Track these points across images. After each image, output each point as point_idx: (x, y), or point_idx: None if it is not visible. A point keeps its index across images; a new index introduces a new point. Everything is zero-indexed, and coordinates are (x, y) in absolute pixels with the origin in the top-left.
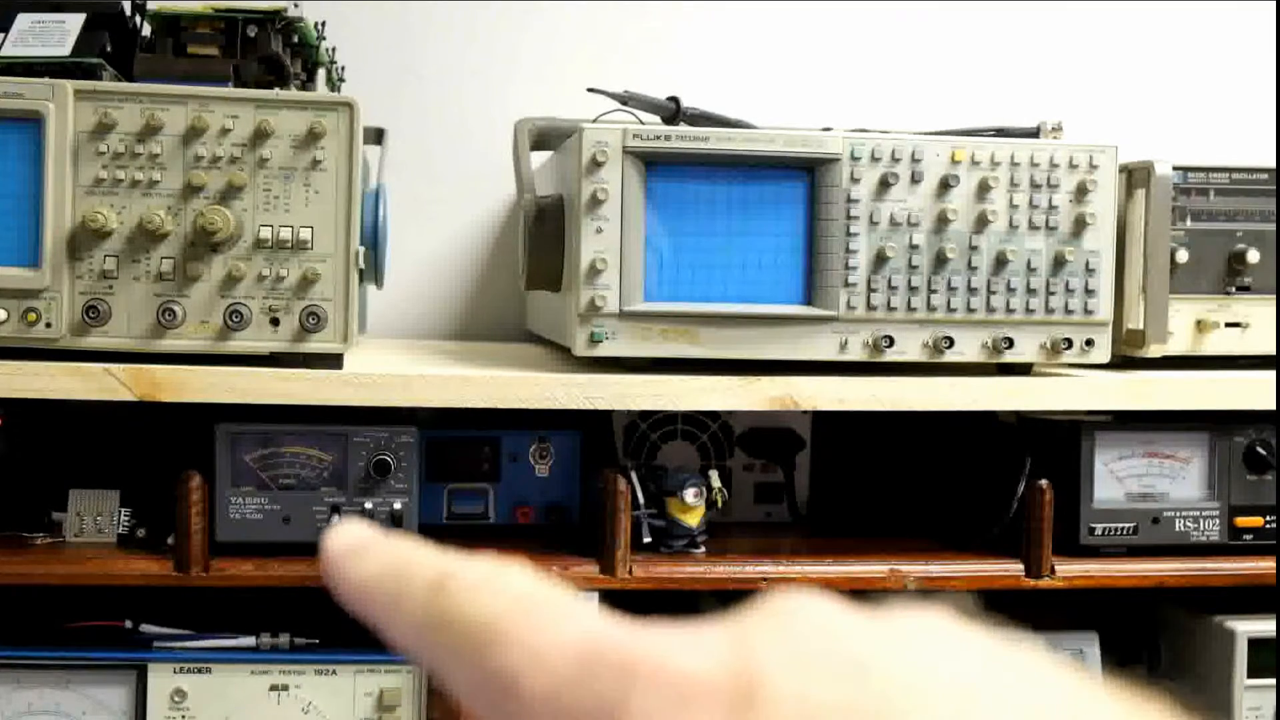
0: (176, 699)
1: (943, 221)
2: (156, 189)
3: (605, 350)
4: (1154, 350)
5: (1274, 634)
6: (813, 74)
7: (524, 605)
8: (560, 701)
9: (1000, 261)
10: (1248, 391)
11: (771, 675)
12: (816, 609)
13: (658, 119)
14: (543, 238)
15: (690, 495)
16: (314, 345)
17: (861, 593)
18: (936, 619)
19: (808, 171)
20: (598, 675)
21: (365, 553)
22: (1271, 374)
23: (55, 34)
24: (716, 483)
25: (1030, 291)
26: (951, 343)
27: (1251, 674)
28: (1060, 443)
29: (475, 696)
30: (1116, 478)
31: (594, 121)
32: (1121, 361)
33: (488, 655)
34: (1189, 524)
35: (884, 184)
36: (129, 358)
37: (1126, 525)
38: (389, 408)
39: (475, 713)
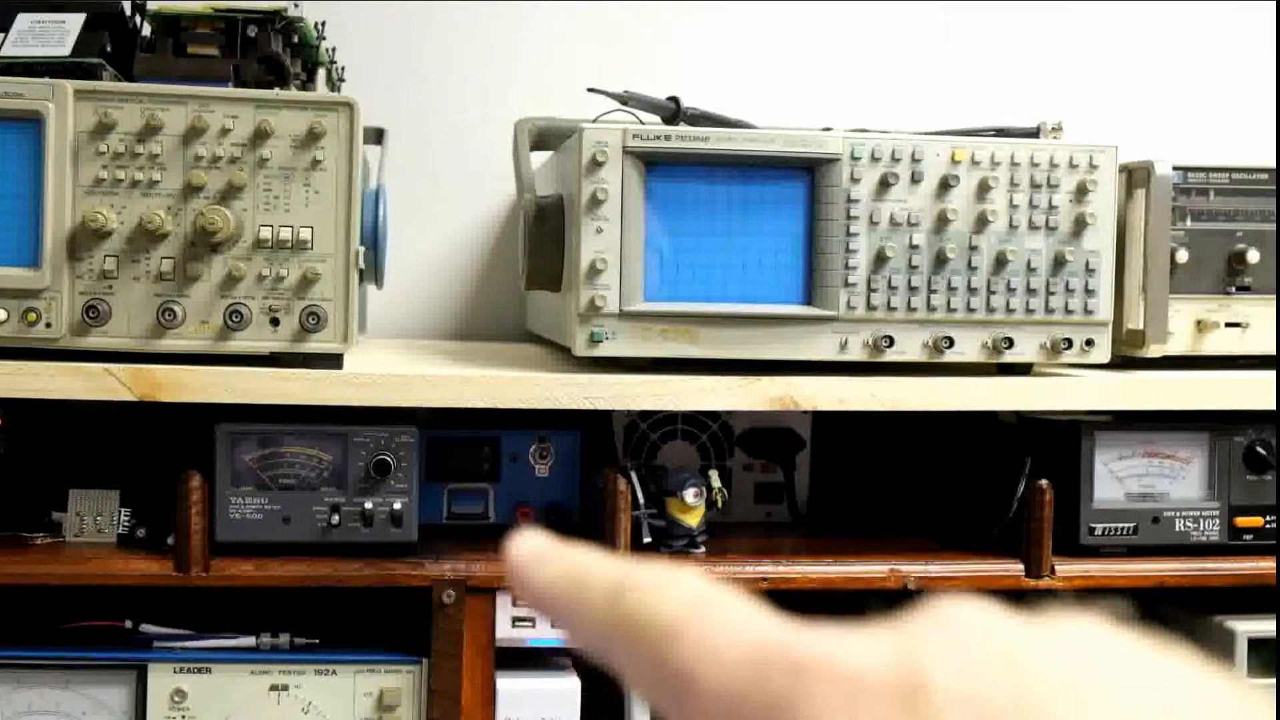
0: (176, 699)
1: (943, 221)
2: (156, 189)
3: (605, 350)
4: (1154, 350)
5: (1274, 634)
6: (813, 74)
7: (699, 606)
8: (734, 698)
9: (1000, 261)
10: (1248, 391)
11: (936, 673)
12: (978, 613)
13: (658, 119)
14: (543, 238)
15: (690, 495)
16: (314, 345)
17: (1009, 595)
18: (1091, 623)
19: (808, 171)
20: (770, 673)
21: (546, 561)
22: (1271, 374)
23: (55, 34)
24: (716, 483)
25: (1030, 291)
26: (951, 343)
27: (1251, 674)
28: (1060, 443)
29: (654, 692)
30: (1116, 478)
31: (594, 121)
32: (1121, 361)
33: (666, 654)
34: (1189, 524)
35: (884, 184)
36: (129, 358)
37: (1126, 525)
38: (389, 408)
39: (655, 707)
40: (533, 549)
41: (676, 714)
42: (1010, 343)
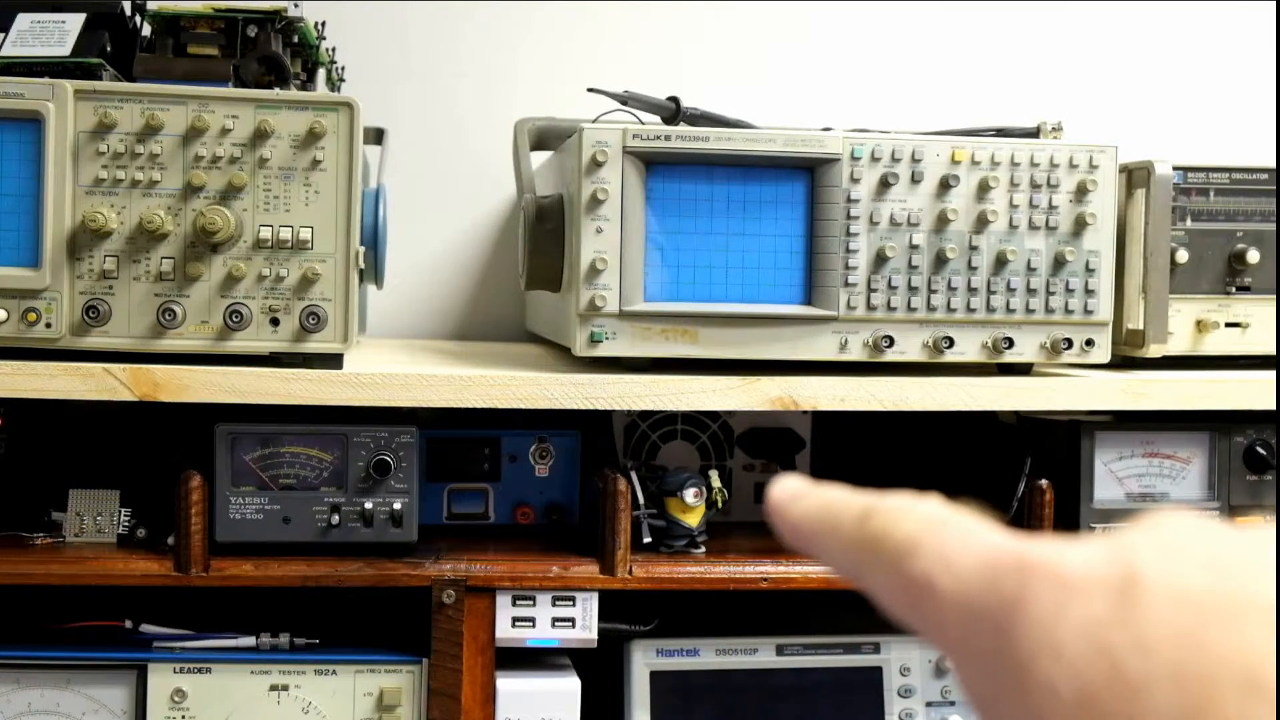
0: (176, 699)
1: (943, 221)
2: (156, 189)
3: (605, 350)
4: (1154, 350)
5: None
6: (813, 74)
7: (935, 523)
8: (969, 600)
9: (1000, 261)
10: (1248, 391)
11: (1147, 567)
12: (1187, 519)
13: (658, 119)
14: (543, 238)
15: (690, 495)
16: (314, 345)
17: None
18: None
19: (808, 171)
20: (999, 575)
21: (803, 497)
22: (1271, 374)
23: (55, 34)
24: (716, 483)
25: (1030, 291)
26: (951, 343)
27: None
28: (1060, 443)
29: (897, 601)
30: (1116, 478)
31: (594, 121)
32: (1121, 361)
33: (907, 564)
34: None
35: (884, 184)
36: (129, 358)
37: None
38: (389, 408)
39: (898, 616)
40: (790, 489)
41: (920, 622)
42: (1010, 343)
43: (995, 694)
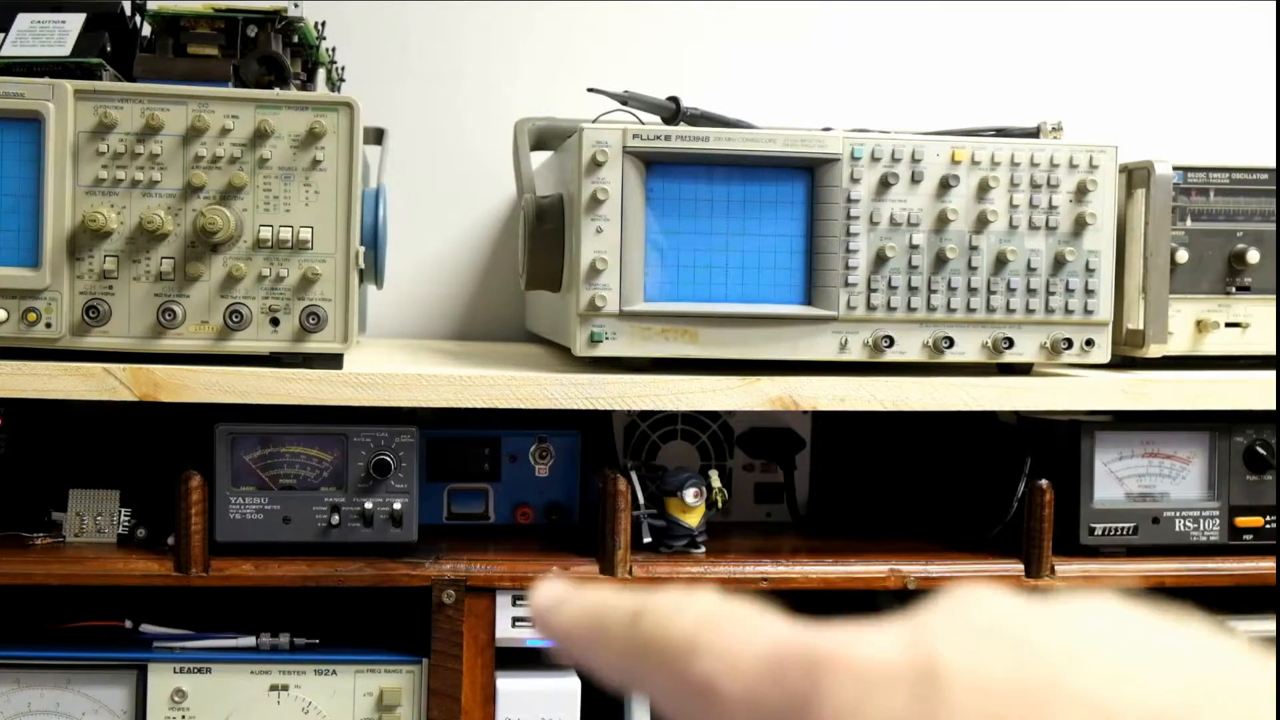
0: (176, 699)
1: (943, 221)
2: (156, 189)
3: (605, 350)
4: (1154, 350)
5: (1274, 634)
6: (813, 74)
7: (714, 620)
8: (755, 699)
9: (1000, 261)
10: (1248, 391)
11: (947, 655)
12: (987, 596)
13: (658, 119)
14: (543, 238)
15: (690, 495)
16: (314, 345)
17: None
18: (1099, 600)
19: (808, 171)
20: (787, 672)
21: (565, 602)
22: (1271, 374)
23: (55, 34)
24: (716, 483)
25: (1030, 291)
26: (951, 343)
27: None
28: (1060, 443)
29: (679, 707)
30: (1116, 478)
31: (594, 121)
32: (1121, 361)
33: (687, 666)
34: (1189, 524)
35: (884, 184)
36: (129, 358)
37: (1126, 525)
38: (389, 408)
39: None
40: (550, 593)
41: None
42: (1010, 343)
43: None
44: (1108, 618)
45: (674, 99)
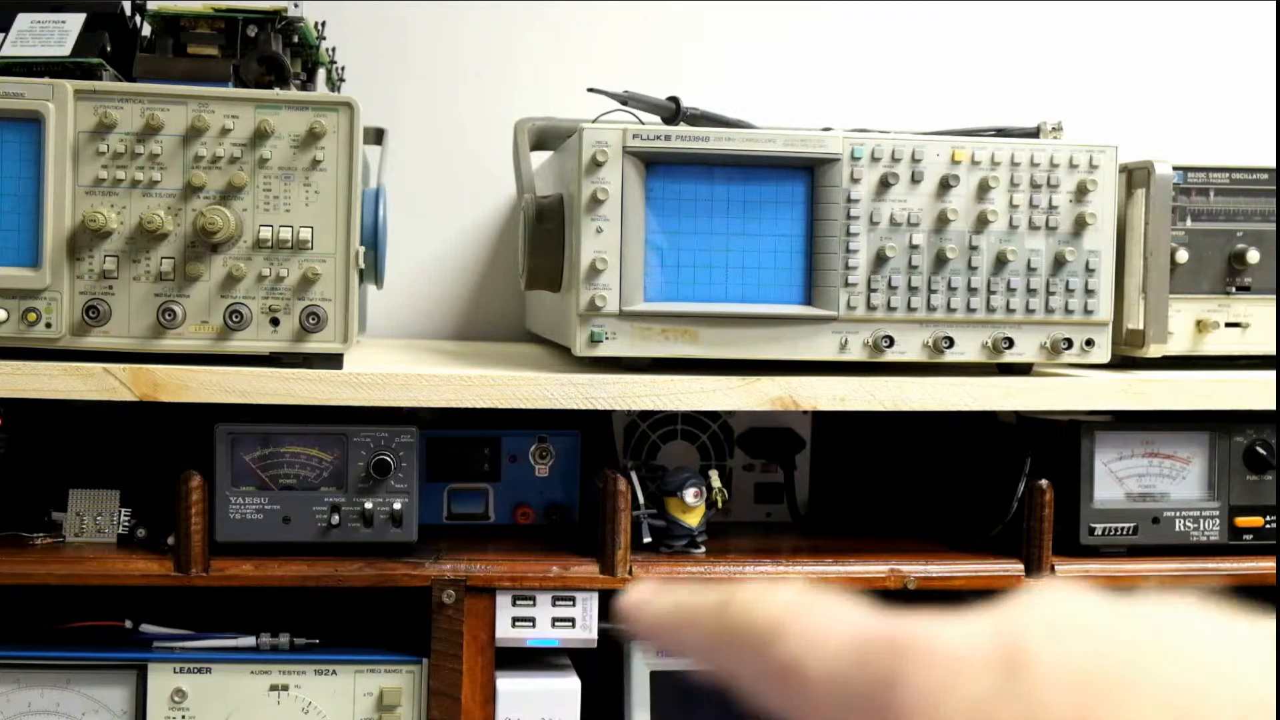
0: (176, 699)
1: (943, 221)
2: (156, 189)
3: (605, 350)
4: (1154, 350)
5: (1274, 634)
6: (813, 74)
7: (799, 606)
8: (840, 680)
9: (1000, 261)
10: (1248, 391)
11: (1032, 642)
12: (1069, 592)
13: (658, 119)
14: (543, 238)
15: (690, 495)
16: (314, 345)
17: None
18: (1180, 597)
19: (808, 171)
20: (872, 654)
21: (652, 600)
22: (1271, 374)
23: (55, 34)
24: (716, 483)
25: (1030, 291)
26: (951, 343)
27: None
28: (1060, 443)
29: (765, 689)
30: (1116, 478)
31: (594, 121)
32: (1121, 361)
33: (773, 649)
34: (1189, 524)
35: (884, 184)
36: (129, 358)
37: (1126, 525)
38: (389, 408)
39: (768, 704)
40: (639, 592)
41: (791, 707)
42: (1010, 343)
43: None
44: (1189, 613)
45: (674, 99)
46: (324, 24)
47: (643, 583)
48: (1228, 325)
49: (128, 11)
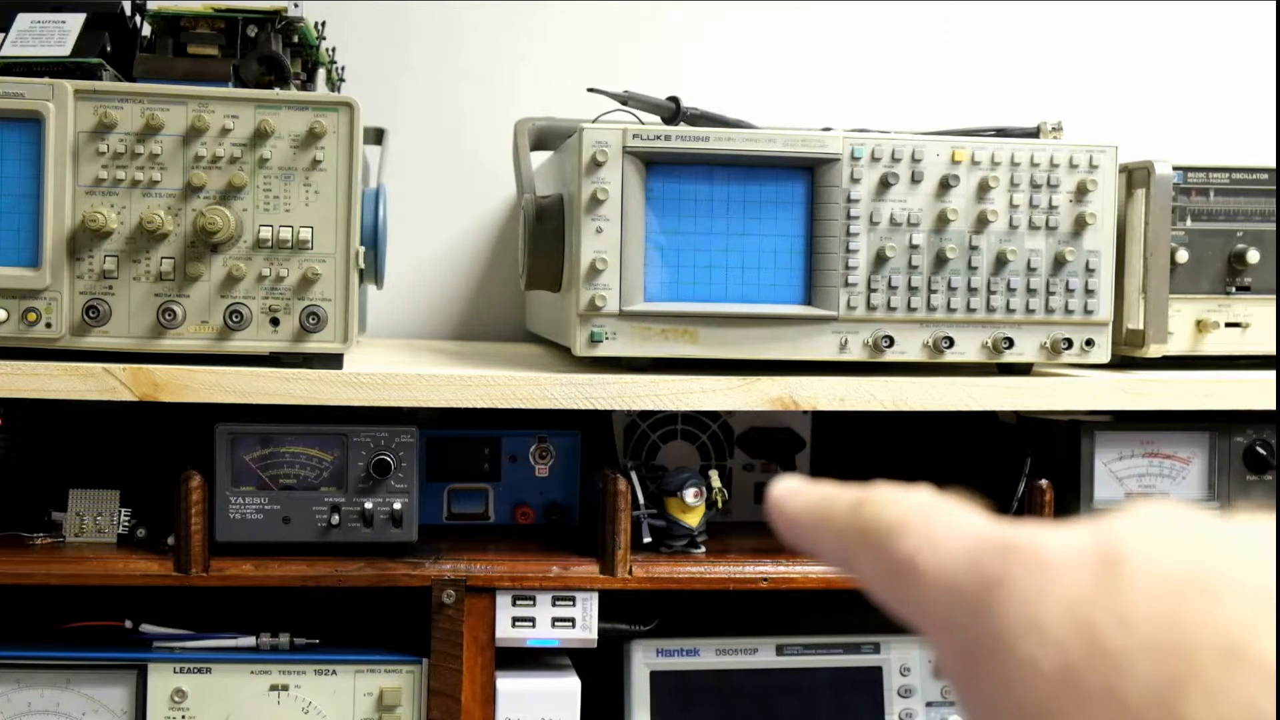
0: (176, 699)
1: (943, 221)
2: (156, 189)
3: (605, 350)
4: (1154, 350)
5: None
6: (813, 74)
7: (924, 508)
8: (951, 578)
9: (1000, 261)
10: (1248, 391)
11: (1130, 548)
12: (1169, 507)
13: (658, 119)
14: (543, 238)
15: (690, 495)
16: (314, 345)
17: None
18: (1271, 519)
19: (808, 171)
20: (982, 556)
21: (800, 492)
22: (1271, 374)
23: (55, 34)
24: (716, 483)
25: (1030, 291)
26: (951, 343)
27: None
28: (1060, 443)
29: (882, 584)
30: (1116, 478)
31: (594, 121)
32: (1121, 361)
33: (893, 545)
34: None
35: (884, 184)
36: (129, 358)
37: None
38: (389, 408)
39: (884, 599)
40: (788, 485)
41: (904, 604)
42: (1010, 343)
43: (976, 673)
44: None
45: (674, 99)
46: (324, 24)
47: (791, 477)
48: (1228, 325)
49: (128, 11)
